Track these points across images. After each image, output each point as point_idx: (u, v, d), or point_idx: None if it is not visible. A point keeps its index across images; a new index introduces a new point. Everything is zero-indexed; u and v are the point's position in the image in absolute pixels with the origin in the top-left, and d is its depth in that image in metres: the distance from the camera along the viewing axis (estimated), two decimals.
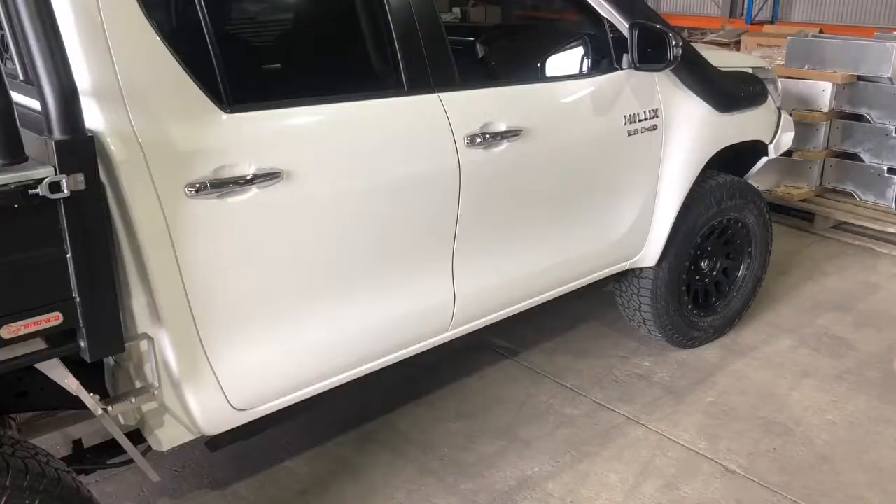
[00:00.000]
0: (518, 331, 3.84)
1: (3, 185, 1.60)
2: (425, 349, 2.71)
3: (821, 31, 8.41)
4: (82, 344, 1.83)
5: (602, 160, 3.04)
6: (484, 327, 2.91)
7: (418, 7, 2.44)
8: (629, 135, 3.07)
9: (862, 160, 5.51)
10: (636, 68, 3.00)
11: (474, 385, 3.55)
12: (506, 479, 2.93)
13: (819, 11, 12.08)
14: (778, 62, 5.98)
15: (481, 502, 2.81)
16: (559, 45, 3.19)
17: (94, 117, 1.82)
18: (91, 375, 2.06)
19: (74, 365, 1.95)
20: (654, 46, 2.94)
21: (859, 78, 5.41)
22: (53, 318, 1.75)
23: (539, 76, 3.12)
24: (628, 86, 3.05)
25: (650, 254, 3.40)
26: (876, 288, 4.48)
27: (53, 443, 2.77)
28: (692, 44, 3.48)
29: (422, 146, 2.43)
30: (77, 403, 2.00)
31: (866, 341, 3.83)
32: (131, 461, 2.31)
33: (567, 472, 2.96)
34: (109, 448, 2.41)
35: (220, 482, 2.93)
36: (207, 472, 2.99)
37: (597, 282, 3.33)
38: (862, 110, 5.45)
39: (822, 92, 5.44)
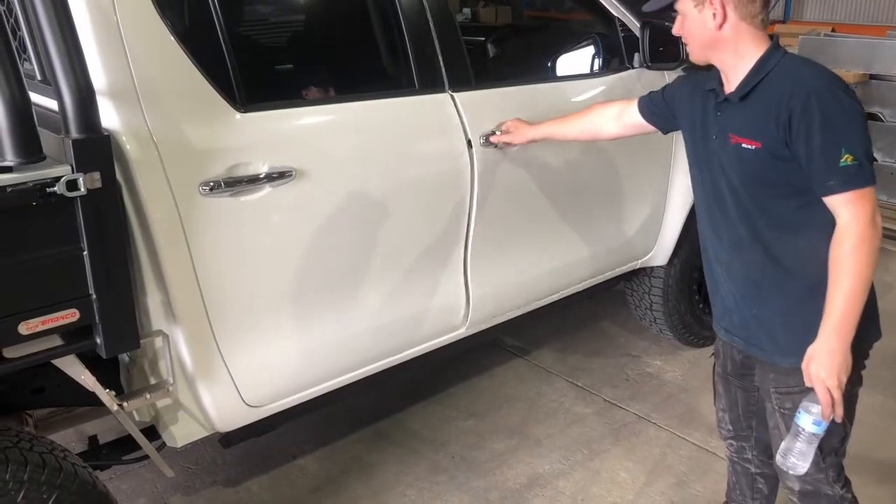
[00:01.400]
0: (529, 330, 3.86)
1: (22, 183, 1.62)
2: (438, 347, 2.72)
3: (833, 30, 8.38)
4: (98, 340, 1.85)
5: (615, 159, 3.04)
6: (495, 326, 2.92)
7: (432, 7, 2.45)
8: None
9: (875, 159, 5.48)
10: (648, 67, 3.00)
11: (485, 384, 3.56)
12: (517, 477, 2.94)
13: (831, 10, 12.01)
14: None
15: (493, 500, 2.82)
16: (571, 44, 3.19)
17: (109, 117, 1.84)
18: (106, 372, 2.08)
19: (90, 361, 1.98)
20: (665, 45, 2.94)
21: (871, 77, 5.40)
22: (70, 315, 1.77)
23: (552, 76, 3.13)
24: (640, 85, 3.05)
25: (661, 252, 3.41)
26: (889, 287, 4.47)
27: (69, 439, 2.81)
28: None
29: (435, 145, 2.44)
30: (93, 400, 2.02)
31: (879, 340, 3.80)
32: (146, 457, 2.33)
33: (578, 469, 2.97)
34: (124, 444, 2.44)
35: (233, 479, 2.95)
36: (221, 469, 3.01)
37: (608, 281, 3.33)
38: (874, 109, 5.43)
39: None
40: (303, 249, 2.22)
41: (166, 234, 1.95)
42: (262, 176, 2.07)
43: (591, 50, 3.13)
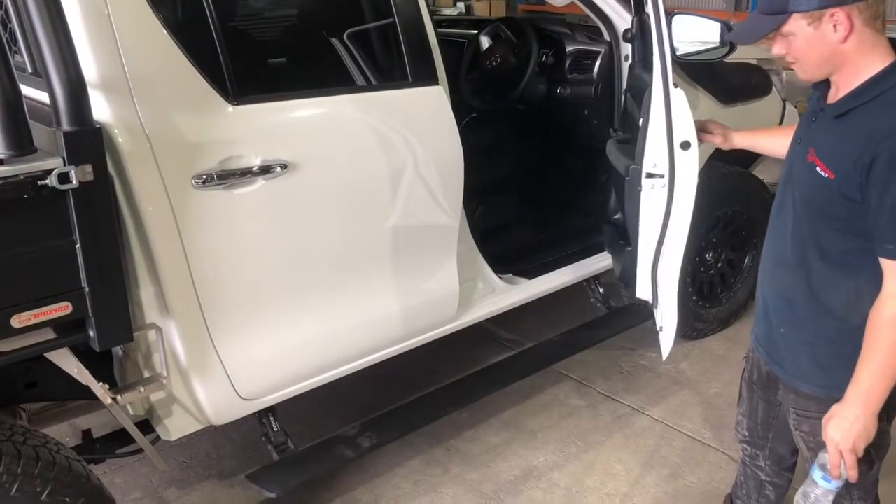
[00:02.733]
0: (522, 323, 3.85)
1: (13, 175, 1.62)
2: (433, 339, 2.72)
3: None
4: (91, 333, 1.84)
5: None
6: (489, 319, 2.92)
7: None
8: None
9: None
10: (678, 60, 2.93)
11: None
12: (511, 469, 2.94)
13: None
14: None
15: (487, 492, 2.83)
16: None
17: (101, 109, 1.84)
18: (100, 366, 2.08)
19: (83, 355, 1.98)
20: (695, 37, 2.88)
21: None
22: (63, 308, 1.77)
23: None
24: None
25: None
26: None
27: (63, 433, 2.81)
28: None
29: (429, 138, 2.44)
30: (86, 393, 2.03)
31: None
32: (140, 451, 2.34)
33: (573, 461, 2.98)
34: (118, 438, 2.44)
35: (228, 472, 2.95)
36: (215, 462, 3.01)
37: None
38: None
39: None
40: (297, 243, 2.22)
41: (159, 228, 1.95)
42: (254, 169, 2.07)
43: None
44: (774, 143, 2.27)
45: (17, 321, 1.71)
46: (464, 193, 2.57)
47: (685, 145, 2.37)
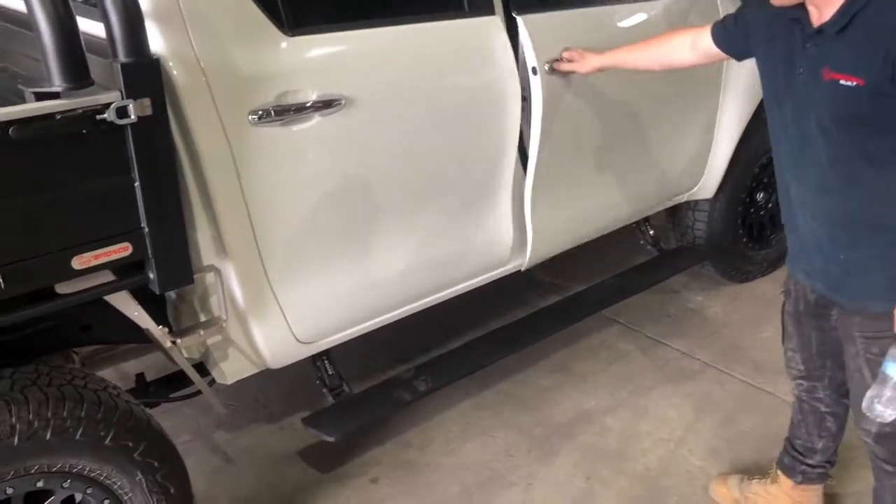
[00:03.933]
0: (567, 267, 3.77)
1: (71, 109, 1.55)
2: (484, 283, 2.66)
3: None
4: (151, 275, 1.79)
5: (664, 84, 2.90)
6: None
7: None
8: None
9: None
10: None
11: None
12: (563, 413, 2.90)
13: None
14: None
15: (538, 435, 2.79)
16: None
17: (154, 41, 1.74)
18: (154, 309, 2.03)
19: (136, 298, 1.92)
20: None
21: None
22: (123, 249, 1.72)
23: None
24: (697, 8, 2.89)
25: (708, 186, 3.30)
26: None
27: (112, 377, 2.78)
28: None
29: (490, 71, 2.33)
30: (140, 337, 1.98)
31: None
32: (194, 394, 2.31)
33: (624, 406, 2.93)
34: (170, 382, 2.41)
35: (276, 415, 2.94)
36: (263, 406, 2.99)
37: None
38: None
39: None
40: (354, 181, 2.14)
41: (216, 165, 1.88)
42: (311, 104, 1.97)
43: None
44: (635, 57, 2.37)
45: (77, 262, 1.66)
46: None
47: (534, 71, 2.40)
